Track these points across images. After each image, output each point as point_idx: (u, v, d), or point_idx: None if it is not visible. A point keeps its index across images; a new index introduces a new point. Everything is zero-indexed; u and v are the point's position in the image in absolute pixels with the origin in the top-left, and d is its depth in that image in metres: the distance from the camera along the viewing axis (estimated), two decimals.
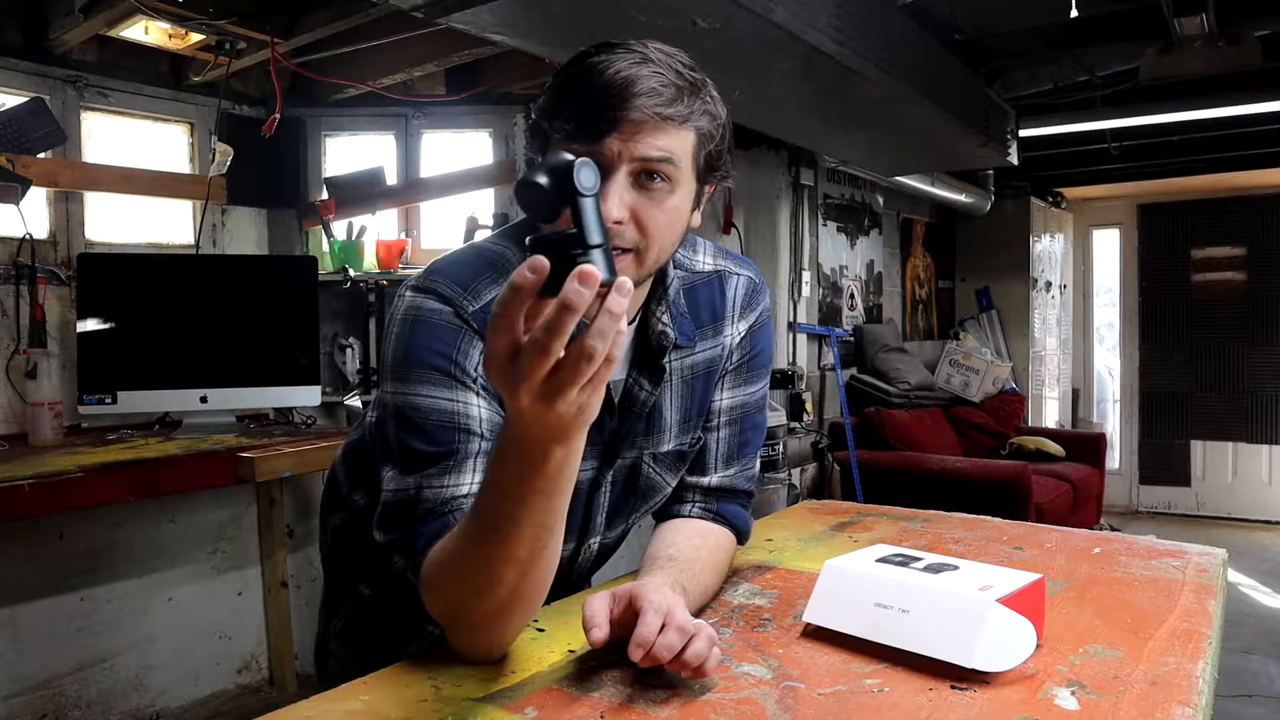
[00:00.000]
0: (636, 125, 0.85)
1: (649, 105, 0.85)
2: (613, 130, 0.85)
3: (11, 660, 2.43)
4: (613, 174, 0.85)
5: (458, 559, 0.79)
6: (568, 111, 0.86)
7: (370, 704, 0.78)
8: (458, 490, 0.87)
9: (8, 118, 2.44)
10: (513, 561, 0.75)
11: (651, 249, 0.89)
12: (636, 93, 0.84)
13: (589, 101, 0.85)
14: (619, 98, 0.84)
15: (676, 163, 0.88)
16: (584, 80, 0.86)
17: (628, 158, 0.86)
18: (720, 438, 1.11)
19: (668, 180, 0.88)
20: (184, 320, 2.67)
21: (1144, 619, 0.95)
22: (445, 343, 0.89)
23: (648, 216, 0.87)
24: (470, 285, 0.92)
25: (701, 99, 0.89)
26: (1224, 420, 6.00)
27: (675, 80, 0.87)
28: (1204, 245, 6.08)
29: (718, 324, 1.08)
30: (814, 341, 4.46)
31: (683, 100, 0.87)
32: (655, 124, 0.85)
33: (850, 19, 2.45)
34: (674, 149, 0.87)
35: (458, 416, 0.88)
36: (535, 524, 0.73)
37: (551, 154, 0.67)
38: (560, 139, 0.87)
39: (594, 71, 0.85)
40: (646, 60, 0.86)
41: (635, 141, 0.85)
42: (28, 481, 1.87)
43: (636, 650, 0.77)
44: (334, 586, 1.23)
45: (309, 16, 2.53)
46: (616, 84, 0.84)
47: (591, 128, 0.85)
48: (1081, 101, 4.16)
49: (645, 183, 0.87)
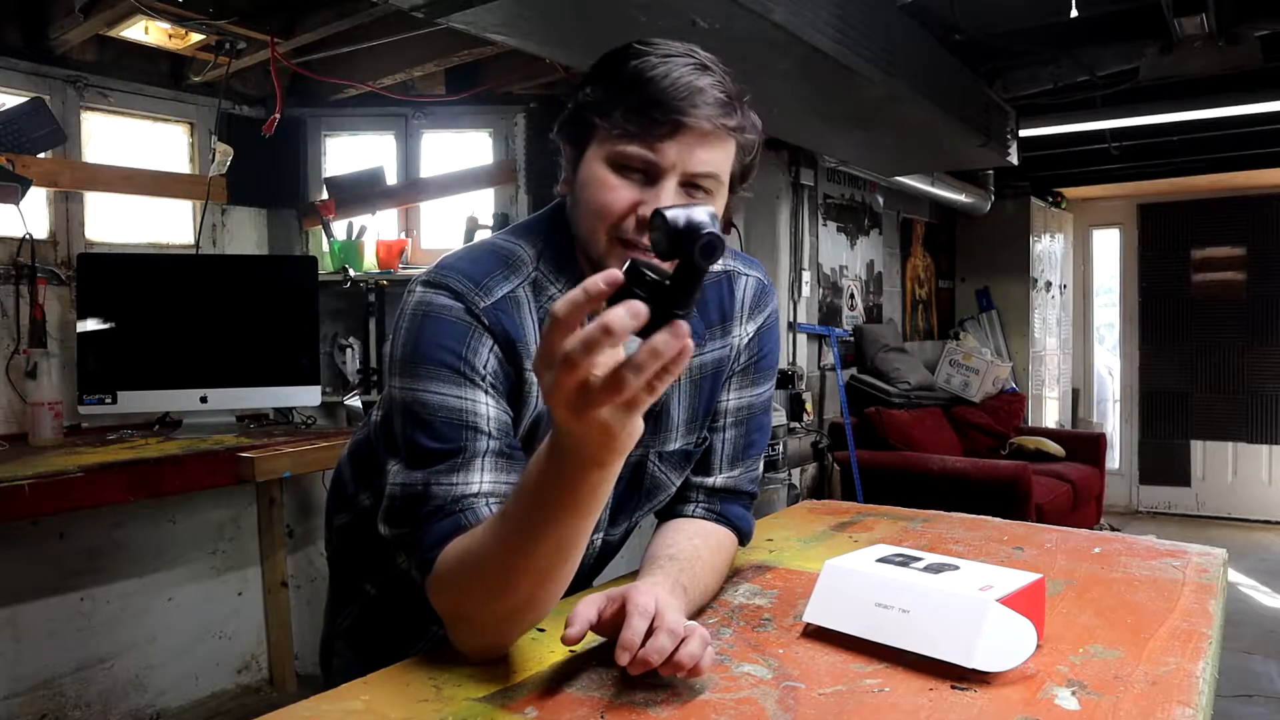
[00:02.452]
0: (699, 135, 0.87)
1: (713, 115, 0.87)
2: (673, 136, 0.86)
3: (11, 660, 2.43)
4: (664, 180, 0.88)
5: (477, 560, 0.79)
6: (627, 110, 0.87)
7: (370, 704, 0.78)
8: (467, 489, 0.86)
9: (8, 118, 2.44)
10: (532, 571, 0.76)
11: None
12: (702, 102, 0.86)
13: (653, 104, 0.86)
14: (686, 103, 0.85)
15: (720, 178, 0.91)
16: (645, 81, 0.86)
17: (681, 169, 0.88)
18: (726, 438, 1.11)
19: (709, 193, 0.90)
20: (184, 320, 2.67)
21: (1144, 619, 0.95)
22: (455, 339, 0.89)
23: None
24: (482, 281, 0.92)
25: (746, 114, 0.92)
26: (1224, 420, 6.00)
27: (730, 89, 0.89)
28: (1204, 245, 6.08)
29: (726, 324, 1.08)
30: (814, 341, 4.46)
31: (736, 113, 0.89)
32: (716, 135, 0.88)
33: (850, 19, 2.45)
34: (720, 164, 0.90)
35: (466, 414, 0.88)
36: (560, 538, 0.74)
37: (699, 210, 0.66)
38: (618, 136, 0.88)
39: (657, 73, 0.86)
40: (705, 68, 0.88)
41: (691, 154, 0.87)
42: (28, 481, 1.87)
43: (623, 654, 0.77)
44: (339, 586, 1.23)
45: (309, 16, 2.53)
46: (682, 90, 0.85)
47: (652, 130, 0.86)
48: (1081, 101, 4.16)
49: (690, 192, 0.89)
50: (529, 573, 0.76)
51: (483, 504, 0.86)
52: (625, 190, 0.88)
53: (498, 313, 0.91)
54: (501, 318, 0.91)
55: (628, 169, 0.88)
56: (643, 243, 0.87)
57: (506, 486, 0.88)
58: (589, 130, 0.90)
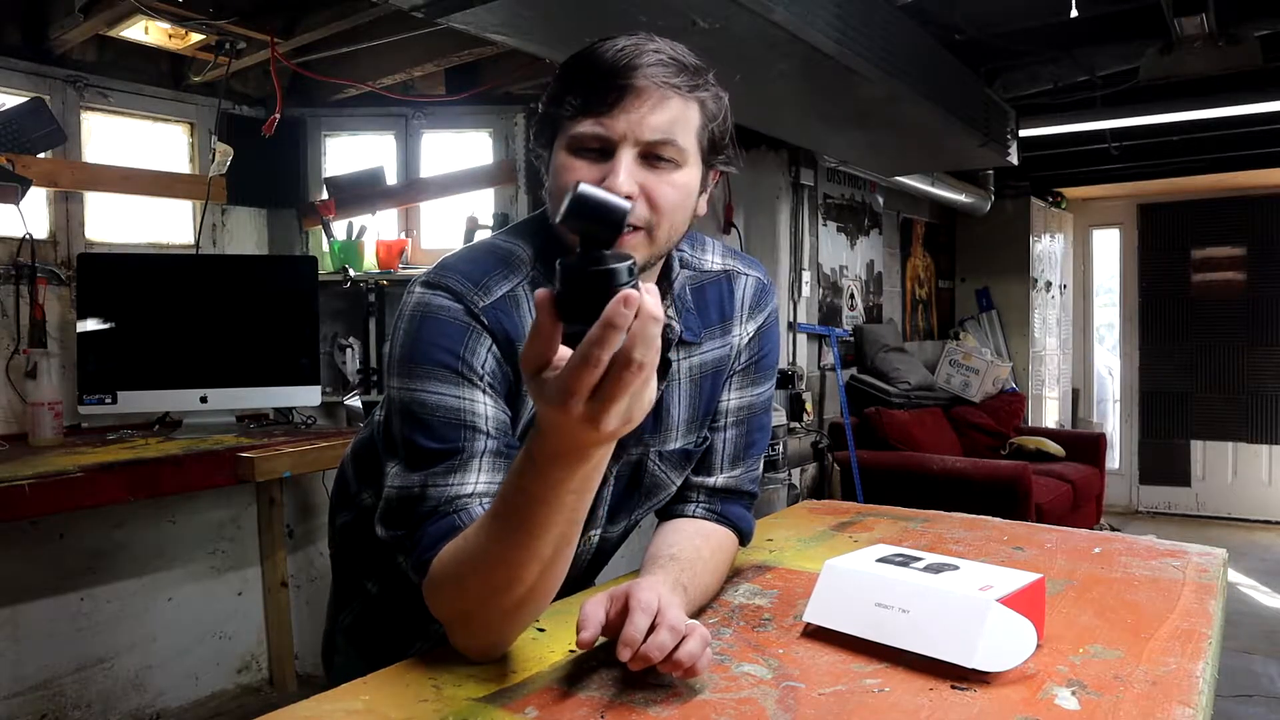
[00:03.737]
0: (642, 95, 0.87)
1: (655, 75, 0.87)
2: (619, 101, 0.86)
3: (11, 660, 2.43)
4: (619, 152, 0.87)
5: (476, 559, 0.79)
6: (575, 90, 0.88)
7: (371, 704, 0.78)
8: (462, 489, 0.87)
9: (8, 118, 2.44)
10: (537, 560, 0.75)
11: (662, 225, 0.91)
12: (642, 64, 0.87)
13: (597, 77, 0.87)
14: (626, 69, 0.86)
15: (680, 143, 0.89)
16: (590, 61, 0.89)
17: (634, 139, 0.87)
18: (726, 438, 1.11)
19: (673, 161, 0.90)
20: (184, 320, 2.66)
21: (1144, 619, 0.95)
22: (453, 340, 0.89)
23: (658, 192, 0.89)
24: (481, 281, 0.92)
25: (703, 78, 0.91)
26: (1224, 420, 6.00)
27: (679, 58, 0.90)
28: (1204, 245, 6.09)
29: (726, 324, 1.08)
30: (814, 341, 4.46)
31: (685, 73, 0.89)
32: (661, 94, 0.87)
33: (850, 19, 2.45)
34: (677, 129, 0.89)
35: (464, 414, 0.88)
36: (564, 521, 0.74)
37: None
38: (569, 118, 0.88)
39: (599, 52, 0.88)
40: (650, 40, 0.90)
41: (642, 122, 0.87)
42: (28, 481, 1.87)
43: (624, 650, 0.77)
44: (341, 584, 1.23)
45: (309, 16, 2.53)
46: (622, 57, 0.87)
47: (599, 100, 0.87)
48: (1081, 101, 4.16)
49: (653, 163, 0.89)
50: (535, 561, 0.75)
51: (476, 504, 0.86)
52: (584, 170, 0.88)
53: (497, 312, 0.91)
54: (501, 317, 0.91)
55: (584, 150, 0.89)
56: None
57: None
58: (553, 126, 0.91)
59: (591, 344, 0.60)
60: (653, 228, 0.90)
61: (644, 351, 0.61)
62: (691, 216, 0.96)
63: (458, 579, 0.81)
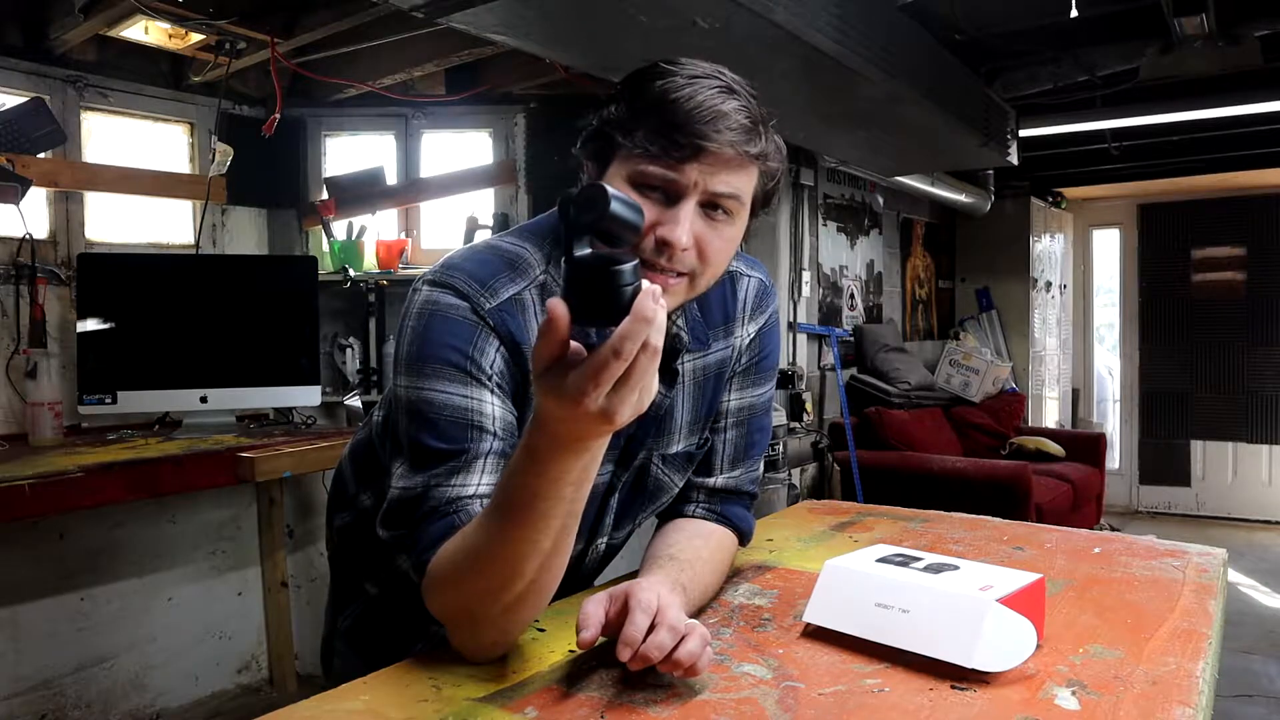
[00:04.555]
0: (721, 161, 0.87)
1: (736, 141, 0.86)
2: (695, 159, 0.86)
3: (11, 660, 2.43)
4: (684, 200, 0.87)
5: (475, 555, 0.79)
6: (650, 131, 0.86)
7: (371, 704, 0.78)
8: (464, 490, 0.86)
9: (8, 118, 2.44)
10: (537, 553, 0.76)
11: (705, 275, 0.92)
12: (725, 127, 0.86)
13: (676, 128, 0.85)
14: (709, 127, 0.85)
15: (742, 200, 0.91)
16: (669, 104, 0.86)
17: (702, 189, 0.87)
18: (727, 439, 1.11)
19: (730, 214, 0.91)
20: (184, 320, 2.67)
21: (1144, 619, 0.95)
22: (461, 339, 0.89)
23: (711, 246, 0.90)
24: (488, 282, 0.92)
25: (770, 139, 0.91)
26: (1224, 420, 6.00)
27: (754, 114, 0.89)
28: (1204, 245, 6.08)
29: (728, 325, 1.09)
30: (814, 341, 4.46)
31: (759, 139, 0.89)
32: (738, 162, 0.88)
33: (850, 19, 2.45)
34: (742, 187, 0.90)
35: (471, 414, 0.88)
36: (564, 514, 0.74)
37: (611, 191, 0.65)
38: (639, 156, 0.87)
39: (681, 96, 0.86)
40: (730, 91, 0.88)
41: (713, 174, 0.87)
42: (28, 481, 1.87)
43: (624, 650, 0.77)
44: (340, 585, 1.23)
45: (309, 16, 2.53)
46: (706, 114, 0.85)
47: (675, 153, 0.86)
48: (1081, 101, 4.15)
49: (710, 213, 0.89)
50: (536, 554, 0.76)
51: (477, 504, 0.86)
52: (645, 210, 0.87)
53: (503, 315, 0.91)
54: (506, 320, 0.91)
55: (648, 188, 0.88)
56: (660, 263, 0.88)
57: None
58: (612, 148, 0.90)
59: (623, 338, 0.62)
60: (696, 275, 0.91)
61: (659, 338, 0.63)
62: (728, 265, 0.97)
63: (457, 576, 0.81)
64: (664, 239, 0.86)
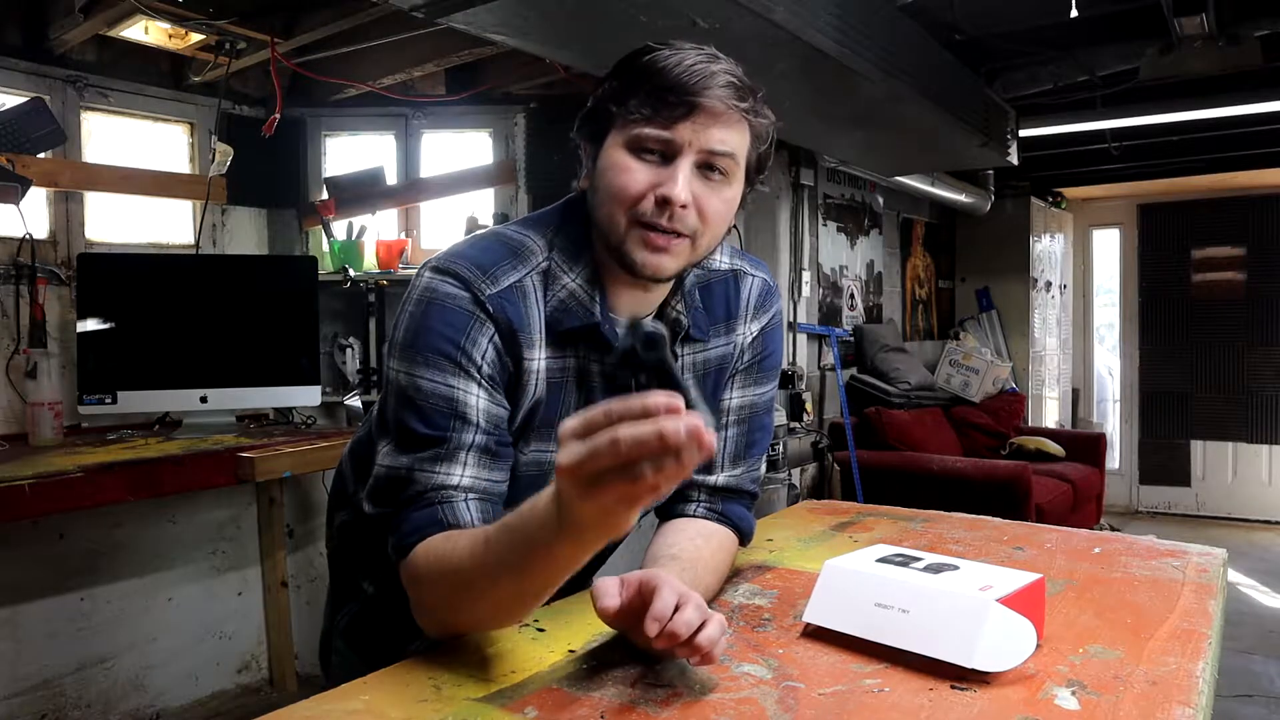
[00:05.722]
0: (711, 115, 0.90)
1: (725, 96, 0.90)
2: (688, 117, 0.89)
3: (11, 660, 2.43)
4: (680, 158, 0.90)
5: (465, 578, 0.81)
6: (643, 96, 0.90)
7: (370, 703, 0.78)
8: (448, 479, 0.89)
9: (8, 118, 2.44)
10: (528, 597, 0.80)
11: (706, 236, 0.95)
12: (714, 84, 0.90)
13: (667, 89, 0.89)
14: (699, 85, 0.89)
15: (736, 158, 0.93)
16: (661, 69, 0.90)
17: (697, 147, 0.90)
18: (728, 437, 1.11)
19: (726, 175, 0.93)
20: (184, 320, 2.66)
21: (1144, 619, 0.95)
22: (456, 329, 0.91)
23: (709, 205, 0.93)
24: (489, 269, 0.94)
25: (758, 100, 0.95)
26: (1224, 420, 6.00)
27: (741, 80, 0.93)
28: (1204, 245, 6.08)
29: (731, 322, 1.10)
30: (814, 341, 4.46)
31: (748, 98, 0.93)
32: (727, 116, 0.91)
33: (850, 19, 2.45)
34: (735, 145, 0.93)
35: (457, 404, 0.90)
36: (566, 573, 0.77)
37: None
38: (635, 121, 0.90)
39: (670, 61, 0.90)
40: (716, 58, 0.92)
41: (706, 132, 0.90)
42: (28, 481, 1.87)
43: (653, 625, 0.77)
44: (339, 583, 1.24)
45: (309, 16, 2.53)
46: (696, 73, 0.89)
47: (668, 112, 0.89)
48: (1081, 101, 4.16)
49: (707, 174, 0.92)
50: (519, 600, 0.80)
51: (461, 498, 0.89)
52: (642, 172, 0.91)
53: (502, 300, 0.93)
54: (506, 306, 0.93)
55: (645, 151, 0.91)
56: (661, 223, 0.91)
57: (487, 483, 0.92)
58: (608, 121, 0.93)
59: (635, 441, 0.63)
60: (697, 236, 0.93)
61: (673, 477, 0.65)
62: (729, 228, 0.99)
63: (437, 584, 0.85)
64: (664, 195, 0.90)
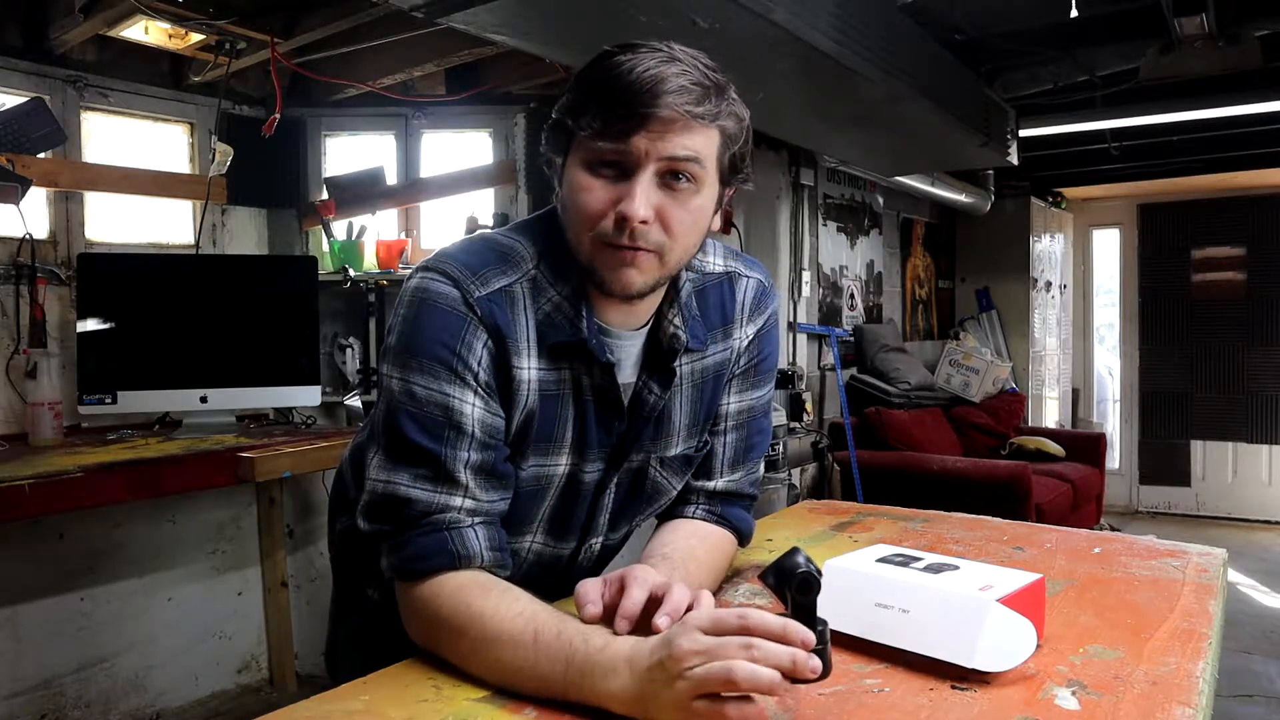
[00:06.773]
0: (665, 124, 0.85)
1: (678, 103, 0.84)
2: (641, 128, 0.84)
3: (11, 660, 2.43)
4: (639, 172, 0.85)
5: (487, 647, 0.81)
6: (594, 109, 0.85)
7: (371, 704, 0.78)
8: (450, 501, 0.88)
9: (8, 118, 2.44)
10: (546, 692, 0.79)
11: (675, 250, 0.90)
12: (665, 90, 0.83)
13: (617, 99, 0.84)
14: (648, 95, 0.83)
15: (702, 163, 0.88)
16: (611, 78, 0.85)
17: (655, 156, 0.85)
18: (726, 442, 1.10)
19: (693, 180, 0.88)
20: (184, 320, 2.66)
21: (1144, 619, 0.95)
22: (449, 333, 0.89)
23: (673, 217, 0.88)
24: (479, 271, 0.92)
25: (726, 99, 0.89)
26: (1224, 420, 6.00)
27: (702, 80, 0.86)
28: (1204, 245, 6.08)
29: (727, 326, 1.07)
30: (814, 341, 4.46)
31: (710, 100, 0.86)
32: (684, 123, 0.85)
33: (850, 19, 2.45)
34: (700, 149, 0.87)
35: (452, 412, 0.89)
36: (590, 703, 0.76)
37: (798, 556, 0.78)
38: (587, 136, 0.87)
39: (621, 69, 0.85)
40: (673, 59, 0.86)
41: (663, 140, 0.85)
42: (28, 481, 1.87)
43: (622, 623, 0.78)
44: (342, 590, 1.23)
45: (309, 16, 2.53)
46: (645, 82, 0.83)
47: (619, 125, 0.84)
48: (1081, 101, 4.16)
49: (671, 182, 0.87)
50: (537, 688, 0.79)
51: (467, 523, 0.88)
52: (601, 190, 0.87)
53: (491, 304, 0.91)
54: (494, 309, 0.91)
55: (604, 165, 0.87)
56: (621, 241, 0.87)
57: (489, 505, 0.90)
58: (568, 137, 0.90)
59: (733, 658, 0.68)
60: (664, 251, 0.89)
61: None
62: (705, 234, 0.95)
63: (461, 635, 0.83)
64: (621, 214, 0.85)
